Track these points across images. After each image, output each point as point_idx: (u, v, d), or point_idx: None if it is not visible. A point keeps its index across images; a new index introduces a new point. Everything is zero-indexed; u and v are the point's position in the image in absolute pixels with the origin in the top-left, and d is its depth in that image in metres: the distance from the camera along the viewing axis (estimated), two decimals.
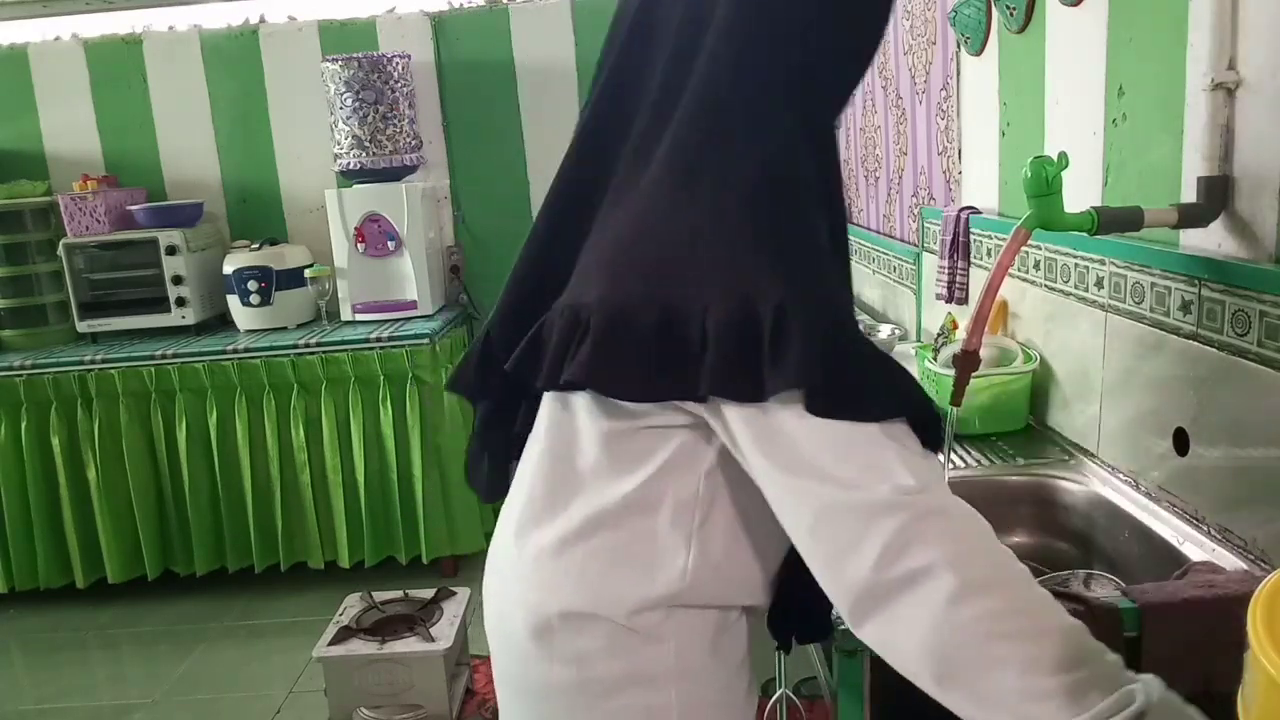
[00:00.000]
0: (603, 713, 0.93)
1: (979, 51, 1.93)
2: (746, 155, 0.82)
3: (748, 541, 0.91)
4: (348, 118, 3.38)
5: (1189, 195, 1.24)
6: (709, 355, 0.78)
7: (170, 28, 3.74)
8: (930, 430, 0.81)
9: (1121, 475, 1.41)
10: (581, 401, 0.91)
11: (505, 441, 1.05)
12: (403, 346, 3.18)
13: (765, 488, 0.81)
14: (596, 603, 0.90)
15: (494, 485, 1.06)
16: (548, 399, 0.97)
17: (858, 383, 0.77)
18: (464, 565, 3.34)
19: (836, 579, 0.76)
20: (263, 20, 3.72)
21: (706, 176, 0.83)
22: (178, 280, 3.41)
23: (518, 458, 1.02)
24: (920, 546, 0.71)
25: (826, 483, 0.75)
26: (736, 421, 0.80)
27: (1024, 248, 1.56)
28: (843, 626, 1.02)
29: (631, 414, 0.87)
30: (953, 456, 1.55)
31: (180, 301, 3.42)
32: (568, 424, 0.93)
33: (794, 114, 0.84)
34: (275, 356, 3.21)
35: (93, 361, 3.22)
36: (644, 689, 0.92)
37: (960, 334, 1.67)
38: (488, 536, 1.25)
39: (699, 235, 0.81)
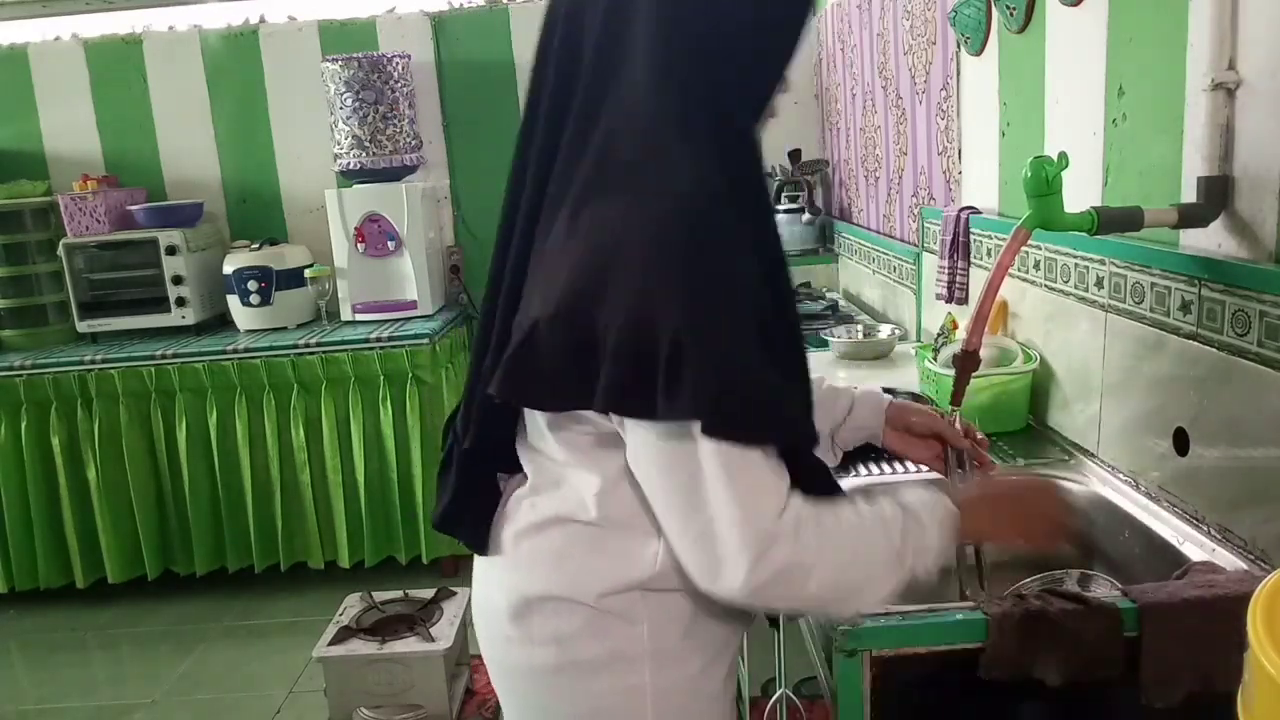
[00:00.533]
0: (584, 694, 0.97)
1: (979, 51, 1.93)
2: (661, 177, 0.84)
3: None
4: (348, 118, 3.38)
5: (1189, 195, 1.24)
6: (605, 371, 0.83)
7: (170, 28, 3.74)
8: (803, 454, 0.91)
9: (1121, 475, 1.41)
10: None
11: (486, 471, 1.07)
12: (403, 346, 3.18)
13: (650, 495, 0.89)
14: (572, 587, 0.95)
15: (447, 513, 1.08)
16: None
17: (744, 412, 0.82)
18: (464, 565, 3.32)
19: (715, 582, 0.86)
20: (263, 20, 3.72)
21: (623, 197, 0.85)
22: (178, 280, 3.41)
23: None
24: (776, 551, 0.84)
25: (703, 508, 0.84)
26: (630, 434, 0.88)
27: (1024, 248, 1.56)
28: (844, 626, 1.02)
29: (579, 419, 0.92)
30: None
31: (180, 301, 3.42)
32: (535, 424, 1.00)
33: (709, 129, 0.86)
34: (275, 356, 3.21)
35: (93, 361, 3.22)
36: (621, 670, 0.96)
37: (960, 334, 1.67)
38: None
39: (615, 256, 0.84)
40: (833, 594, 0.90)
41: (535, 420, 1.00)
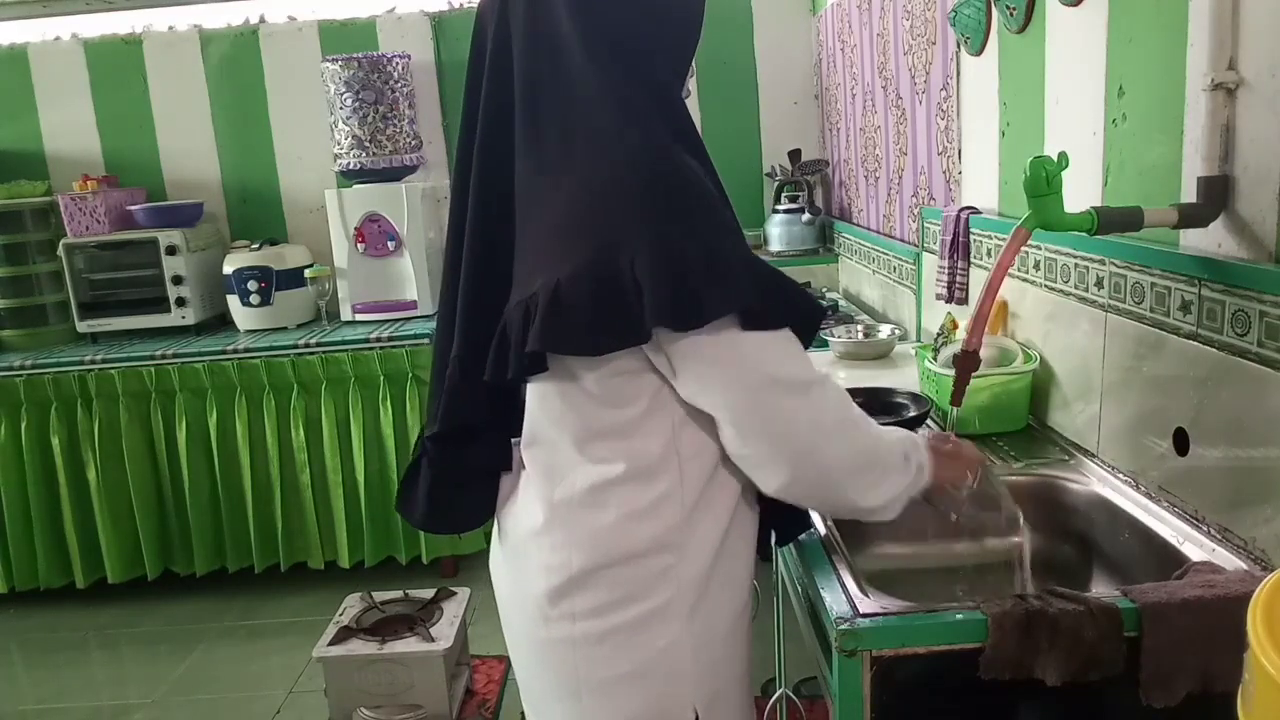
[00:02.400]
0: (626, 658, 1.05)
1: (979, 51, 1.93)
2: (622, 141, 0.97)
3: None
4: (348, 118, 3.38)
5: (1189, 195, 1.24)
6: (646, 296, 0.92)
7: (170, 28, 3.74)
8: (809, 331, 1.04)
9: (1121, 475, 1.41)
10: (553, 388, 1.03)
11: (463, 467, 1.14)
12: (403, 346, 3.18)
13: (710, 401, 1.00)
14: (608, 556, 1.03)
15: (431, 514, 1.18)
16: (529, 397, 1.07)
17: (778, 300, 0.99)
18: (464, 565, 3.34)
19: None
20: (263, 20, 3.72)
21: (600, 163, 0.97)
22: (178, 280, 3.41)
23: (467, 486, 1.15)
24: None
25: (767, 381, 0.98)
26: (678, 351, 0.97)
27: (1024, 248, 1.56)
28: (844, 626, 1.02)
29: (611, 369, 1.00)
30: None
31: (180, 301, 3.43)
32: (544, 406, 1.06)
33: (646, 95, 0.99)
34: (275, 356, 3.21)
35: (93, 361, 3.22)
36: (659, 628, 1.04)
37: (960, 334, 1.67)
38: (487, 537, 1.27)
39: (612, 211, 0.95)
40: (855, 462, 1.03)
41: (545, 401, 1.05)
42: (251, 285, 3.40)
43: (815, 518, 1.32)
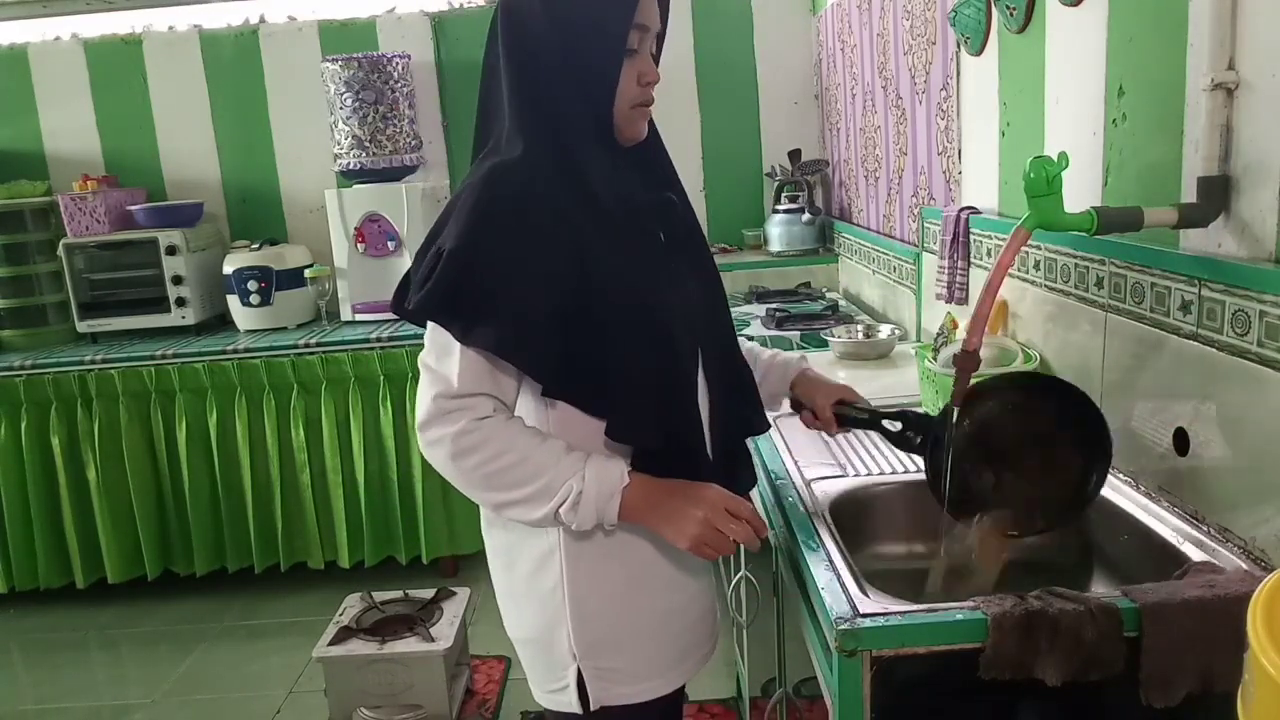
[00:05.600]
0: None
1: (979, 51, 1.93)
2: (483, 167, 1.15)
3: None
4: (348, 118, 3.38)
5: (1189, 195, 1.24)
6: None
7: (170, 28, 3.74)
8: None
9: (1121, 475, 1.41)
10: None
11: None
12: (403, 346, 3.18)
13: None
14: None
15: None
16: None
17: (442, 308, 1.12)
18: (464, 565, 3.34)
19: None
20: (263, 20, 3.72)
21: (471, 178, 1.16)
22: (178, 280, 3.41)
23: None
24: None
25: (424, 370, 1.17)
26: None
27: (1024, 248, 1.56)
28: (844, 626, 1.02)
29: None
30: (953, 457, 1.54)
31: (180, 301, 3.43)
32: None
33: (531, 134, 1.13)
34: (275, 357, 3.21)
35: (93, 361, 3.22)
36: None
37: (960, 334, 1.67)
38: None
39: (453, 209, 1.16)
40: (484, 483, 1.12)
41: None
42: (251, 285, 3.40)
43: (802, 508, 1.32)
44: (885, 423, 1.34)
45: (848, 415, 1.36)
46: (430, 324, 1.15)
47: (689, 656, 1.29)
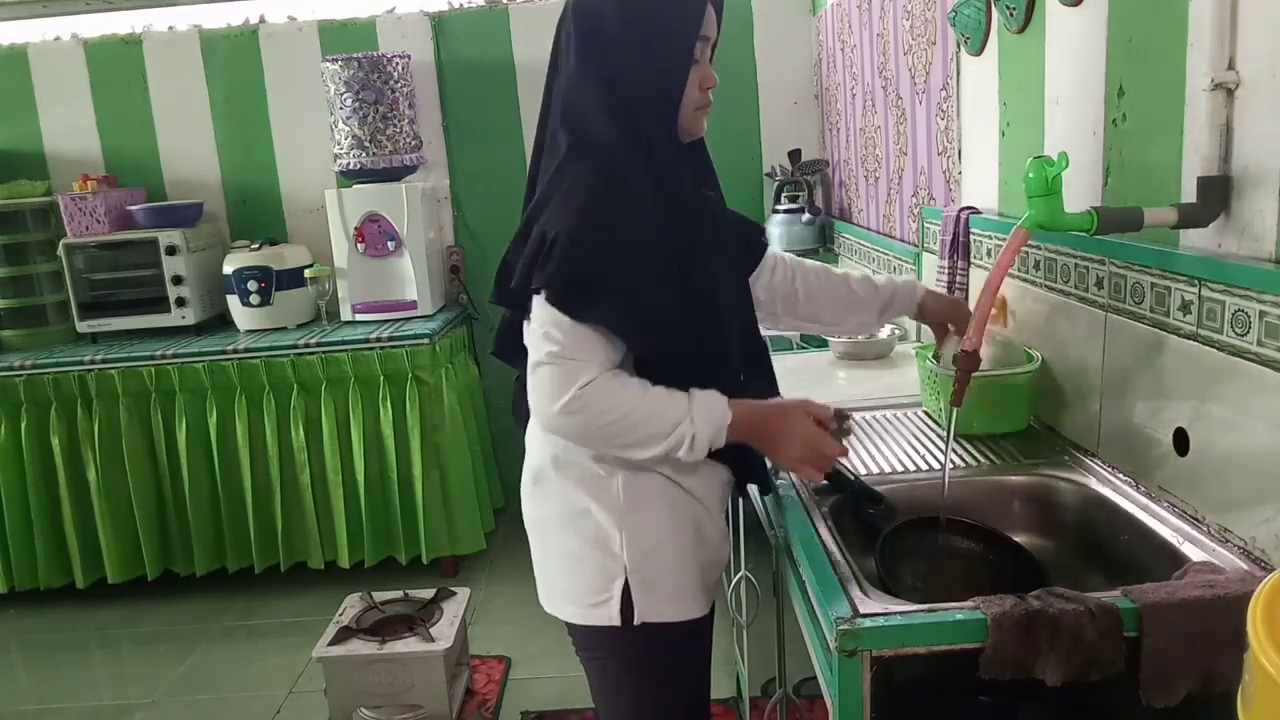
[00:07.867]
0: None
1: (979, 51, 1.93)
2: (586, 158, 1.24)
3: None
4: (348, 118, 3.38)
5: (1189, 195, 1.24)
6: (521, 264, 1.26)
7: (170, 28, 3.74)
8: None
9: (1121, 475, 1.41)
10: None
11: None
12: (403, 346, 3.18)
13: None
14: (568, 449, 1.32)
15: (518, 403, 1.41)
16: None
17: (569, 293, 1.20)
18: (464, 565, 3.34)
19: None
20: (263, 20, 3.72)
21: (566, 167, 1.26)
22: (178, 280, 3.41)
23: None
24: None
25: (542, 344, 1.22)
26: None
27: (1024, 248, 1.56)
28: (844, 626, 1.02)
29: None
30: (952, 456, 1.55)
31: (180, 301, 3.43)
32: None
33: (620, 129, 1.23)
34: (275, 357, 3.21)
35: (93, 361, 3.22)
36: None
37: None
38: (488, 536, 1.30)
39: (552, 197, 1.26)
40: (604, 439, 1.24)
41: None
42: (251, 285, 3.40)
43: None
44: (868, 503, 1.42)
45: (839, 480, 1.43)
46: (542, 302, 1.22)
47: (712, 589, 1.41)
